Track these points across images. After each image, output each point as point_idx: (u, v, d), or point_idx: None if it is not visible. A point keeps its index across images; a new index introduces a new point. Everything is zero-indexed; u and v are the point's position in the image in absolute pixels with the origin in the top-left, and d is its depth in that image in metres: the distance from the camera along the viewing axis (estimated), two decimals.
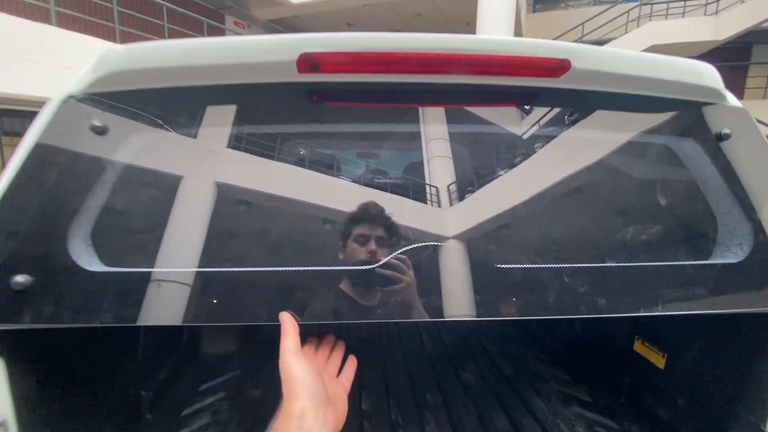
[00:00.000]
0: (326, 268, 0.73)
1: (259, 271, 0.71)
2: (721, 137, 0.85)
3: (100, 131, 0.73)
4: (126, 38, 7.20)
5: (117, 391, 1.12)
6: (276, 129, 0.83)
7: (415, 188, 0.81)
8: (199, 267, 0.69)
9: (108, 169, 0.71)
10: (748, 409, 0.91)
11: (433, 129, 0.86)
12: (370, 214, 0.74)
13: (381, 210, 0.75)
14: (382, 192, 0.79)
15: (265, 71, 0.77)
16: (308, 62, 0.75)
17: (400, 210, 0.76)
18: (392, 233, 0.73)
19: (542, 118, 0.89)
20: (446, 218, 0.78)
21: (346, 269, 0.73)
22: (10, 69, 5.04)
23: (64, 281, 0.66)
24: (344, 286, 0.72)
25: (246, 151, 0.79)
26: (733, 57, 11.52)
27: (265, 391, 1.39)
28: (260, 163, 0.79)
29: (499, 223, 0.78)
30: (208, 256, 0.70)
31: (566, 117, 0.88)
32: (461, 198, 0.82)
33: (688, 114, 0.89)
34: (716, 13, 9.63)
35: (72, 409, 0.90)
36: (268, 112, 0.83)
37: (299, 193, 0.78)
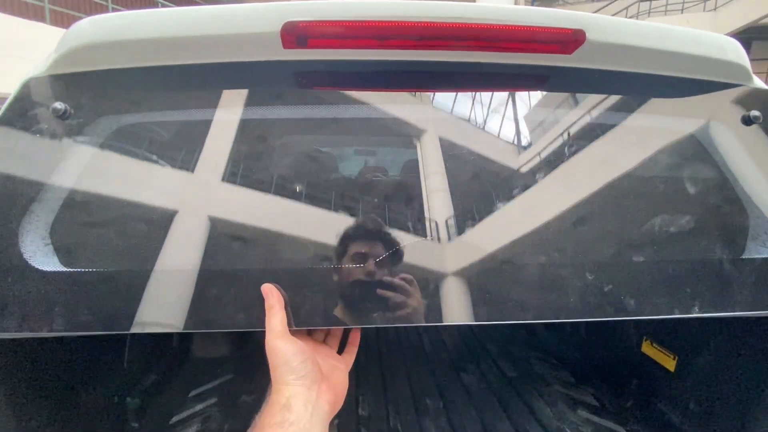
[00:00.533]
0: (316, 267, 0.66)
1: (240, 270, 0.64)
2: (750, 120, 0.79)
3: (62, 116, 0.66)
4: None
5: (101, 398, 1.06)
6: (259, 115, 0.75)
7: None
8: (172, 267, 0.62)
9: (68, 158, 0.65)
10: (766, 412, 0.86)
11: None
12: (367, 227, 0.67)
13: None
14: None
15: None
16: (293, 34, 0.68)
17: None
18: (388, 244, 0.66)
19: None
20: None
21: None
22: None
23: (13, 283, 0.59)
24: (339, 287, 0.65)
25: (222, 142, 0.72)
26: None
27: (259, 397, 1.34)
28: (237, 159, 0.72)
29: (506, 222, 0.71)
30: (182, 253, 0.63)
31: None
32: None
33: (715, 96, 0.83)
34: (715, 9, 9.62)
35: (54, 418, 0.84)
36: (251, 96, 0.75)
37: (280, 188, 0.70)
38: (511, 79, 0.81)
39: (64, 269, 0.59)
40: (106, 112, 0.68)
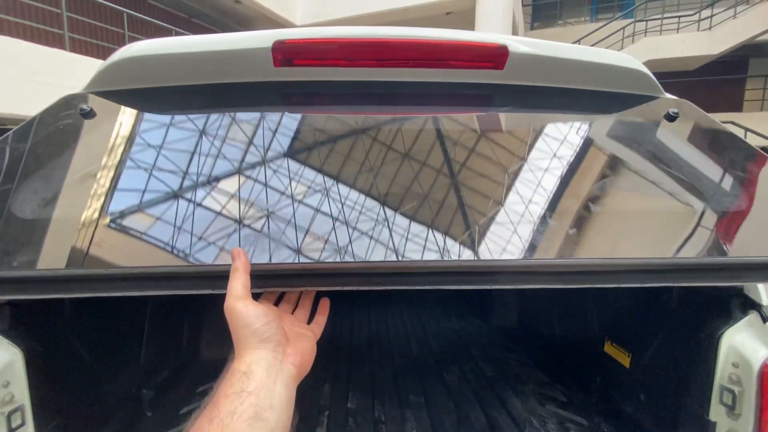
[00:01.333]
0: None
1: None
2: (671, 116, 0.94)
3: (86, 115, 0.86)
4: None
5: (121, 390, 1.22)
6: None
7: None
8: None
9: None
10: (695, 401, 0.99)
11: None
12: None
13: None
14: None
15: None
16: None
17: None
18: None
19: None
20: None
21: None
22: (21, 90, 5.28)
23: None
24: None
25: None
26: (730, 70, 11.67)
27: None
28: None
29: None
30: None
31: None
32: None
33: (631, 106, 0.99)
34: (710, 28, 9.84)
35: (80, 400, 1.00)
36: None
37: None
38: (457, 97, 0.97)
39: None
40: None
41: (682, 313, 1.07)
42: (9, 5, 6.46)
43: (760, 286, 0.91)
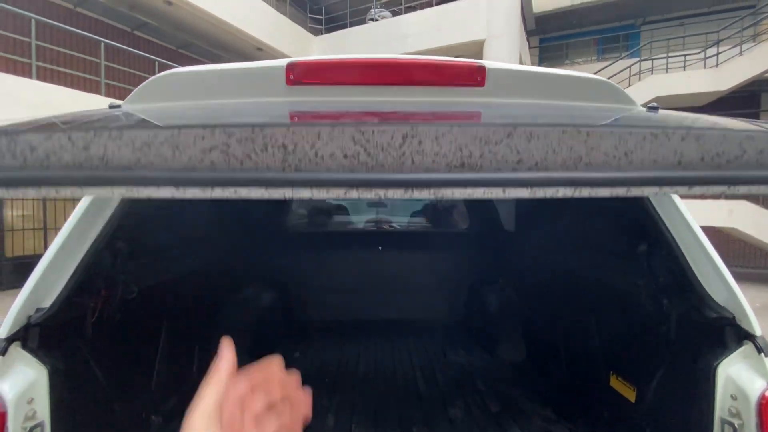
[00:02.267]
0: None
1: None
2: (653, 108, 0.97)
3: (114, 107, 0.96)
4: (113, 92, 7.54)
5: (132, 415, 1.26)
6: None
7: None
8: None
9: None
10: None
11: None
12: None
13: None
14: None
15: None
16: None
17: None
18: None
19: None
20: None
21: None
22: None
23: None
24: None
25: None
26: (741, 105, 11.71)
27: None
28: None
29: None
30: None
31: None
32: None
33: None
34: (717, 65, 10.01)
35: (94, 422, 1.04)
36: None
37: None
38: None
39: None
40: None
41: (680, 345, 1.08)
42: None
43: (752, 317, 0.92)
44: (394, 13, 10.58)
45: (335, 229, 3.04)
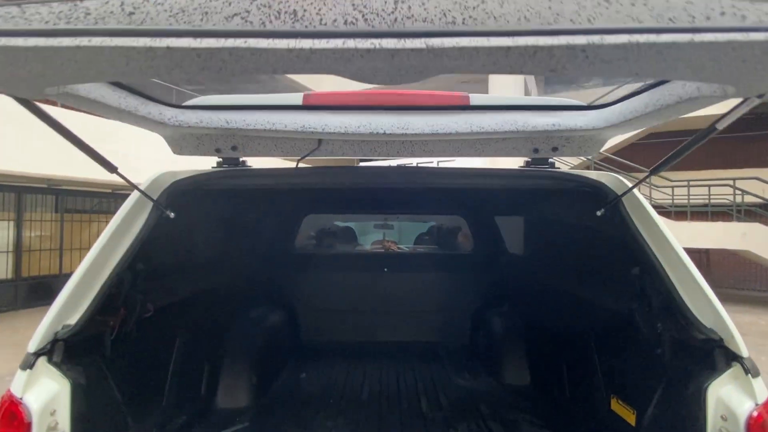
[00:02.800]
0: None
1: None
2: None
3: None
4: None
5: (144, 430, 1.31)
6: None
7: None
8: None
9: None
10: None
11: None
12: None
13: None
14: None
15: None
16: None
17: None
18: None
19: None
20: None
21: None
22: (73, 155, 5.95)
23: None
24: None
25: None
26: (751, 127, 11.69)
27: None
28: None
29: None
30: None
31: None
32: None
33: None
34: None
35: (129, 421, 1.11)
36: None
37: None
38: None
39: None
40: None
41: (674, 367, 1.10)
42: None
43: (739, 339, 0.95)
44: None
45: (342, 251, 3.10)
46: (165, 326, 1.45)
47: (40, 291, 7.46)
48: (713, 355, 0.97)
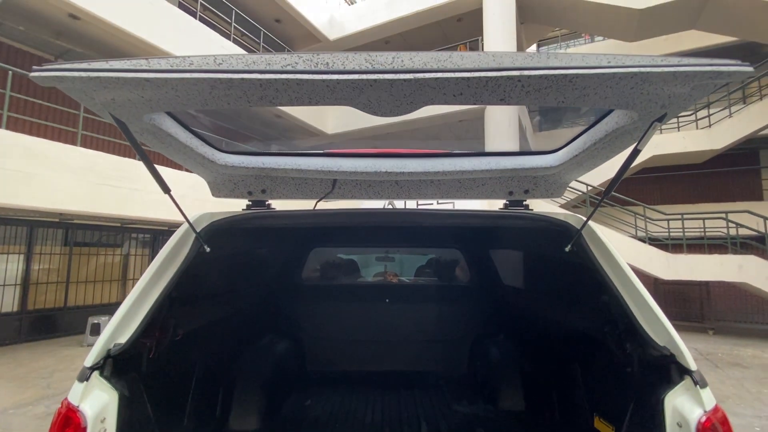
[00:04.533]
0: None
1: None
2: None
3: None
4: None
5: None
6: None
7: None
8: None
9: None
10: None
11: None
12: None
13: None
14: None
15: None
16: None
17: None
18: None
19: None
20: None
21: None
22: (96, 192, 6.22)
23: None
24: None
25: None
26: (741, 162, 12.07)
27: None
28: None
29: None
30: None
31: None
32: None
33: None
34: (710, 126, 10.53)
35: None
36: None
37: None
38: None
39: None
40: None
41: (641, 382, 1.25)
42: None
43: (688, 355, 1.11)
44: None
45: (345, 282, 3.26)
46: (188, 350, 1.60)
47: (43, 324, 7.51)
48: (668, 369, 1.12)
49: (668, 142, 10.65)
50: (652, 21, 9.27)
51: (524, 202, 1.47)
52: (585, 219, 1.30)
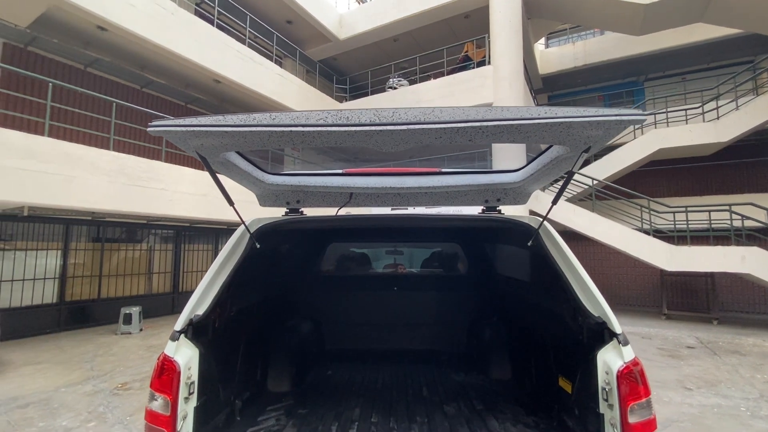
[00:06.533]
0: None
1: None
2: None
3: None
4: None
5: (226, 395, 1.87)
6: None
7: None
8: None
9: None
10: (593, 401, 1.51)
11: None
12: None
13: None
14: None
15: None
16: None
17: None
18: None
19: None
20: None
21: None
22: (126, 192, 6.75)
23: None
24: None
25: None
26: (747, 155, 12.08)
27: (310, 411, 2.08)
28: None
29: None
30: None
31: None
32: None
33: None
34: (717, 118, 10.58)
35: (214, 392, 1.68)
36: None
37: None
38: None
39: None
40: None
41: (586, 345, 1.63)
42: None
43: (615, 322, 1.48)
44: (411, 82, 11.89)
45: (357, 273, 3.67)
46: (237, 325, 2.03)
47: (80, 314, 8.16)
48: (602, 333, 1.50)
49: (675, 135, 10.75)
50: (657, 15, 9.38)
51: (497, 208, 1.85)
52: (541, 220, 1.67)
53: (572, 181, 9.82)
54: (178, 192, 7.44)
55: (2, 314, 6.55)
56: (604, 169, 11.26)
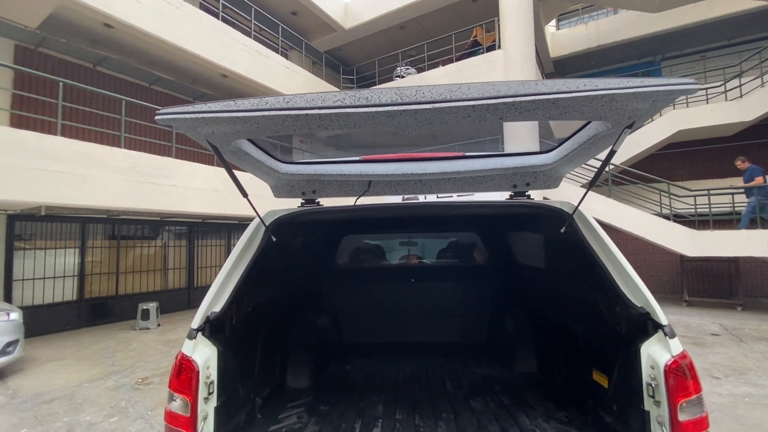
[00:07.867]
0: None
1: None
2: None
3: None
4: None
5: (246, 393, 1.82)
6: None
7: None
8: None
9: None
10: (637, 398, 1.41)
11: None
12: None
13: None
14: None
15: None
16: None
17: None
18: None
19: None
20: None
21: None
22: (139, 189, 6.77)
23: None
24: None
25: None
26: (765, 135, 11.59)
27: (331, 407, 2.02)
28: None
29: None
30: None
31: None
32: None
33: None
34: (741, 96, 10.14)
35: (234, 389, 1.62)
36: None
37: None
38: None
39: None
40: None
41: (625, 337, 1.53)
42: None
43: (660, 313, 1.37)
44: (419, 70, 11.67)
45: (374, 265, 3.59)
46: (254, 321, 1.97)
47: (99, 311, 8.29)
48: (645, 325, 1.39)
49: (695, 115, 10.35)
50: None
51: (526, 193, 1.73)
52: (576, 205, 1.55)
53: (585, 166, 9.56)
54: (190, 188, 7.44)
55: (25, 312, 6.68)
56: (620, 153, 10.92)
